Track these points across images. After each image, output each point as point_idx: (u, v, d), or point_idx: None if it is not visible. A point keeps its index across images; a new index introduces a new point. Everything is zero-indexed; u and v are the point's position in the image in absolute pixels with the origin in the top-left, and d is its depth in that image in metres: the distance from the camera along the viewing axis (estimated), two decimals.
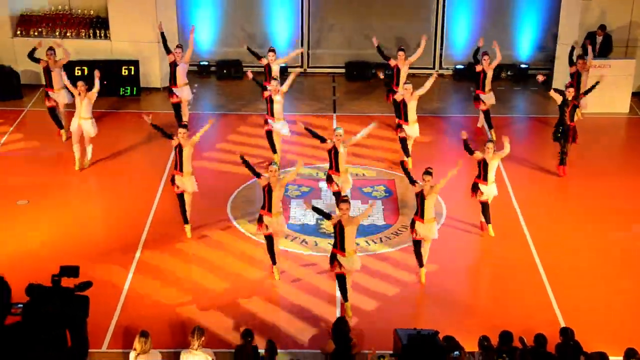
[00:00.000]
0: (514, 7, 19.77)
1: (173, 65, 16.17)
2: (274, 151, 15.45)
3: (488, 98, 16.49)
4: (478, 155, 13.19)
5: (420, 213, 12.14)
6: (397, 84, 16.22)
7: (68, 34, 18.75)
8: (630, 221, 14.08)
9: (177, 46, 16.33)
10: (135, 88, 18.65)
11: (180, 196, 13.22)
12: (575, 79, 16.42)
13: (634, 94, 18.29)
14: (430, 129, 16.69)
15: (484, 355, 10.04)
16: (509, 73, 19.76)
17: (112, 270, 12.44)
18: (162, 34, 16.35)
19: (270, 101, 15.03)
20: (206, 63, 19.93)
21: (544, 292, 12.18)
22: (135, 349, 10.03)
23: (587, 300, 12.03)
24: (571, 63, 16.66)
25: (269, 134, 15.35)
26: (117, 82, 18.49)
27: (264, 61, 16.25)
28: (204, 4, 19.78)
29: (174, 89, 16.35)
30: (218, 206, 14.16)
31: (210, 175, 15.16)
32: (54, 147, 16.20)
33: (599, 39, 18.06)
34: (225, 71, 19.76)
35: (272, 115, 15.10)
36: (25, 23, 18.93)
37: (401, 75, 16.33)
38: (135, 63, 18.49)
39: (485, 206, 13.46)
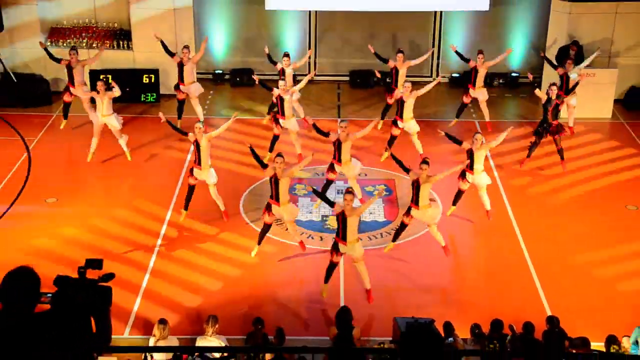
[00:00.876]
0: (505, 19, 19.73)
1: (180, 65, 16.41)
2: (270, 150, 15.34)
3: (477, 93, 16.59)
4: (466, 145, 13.16)
5: (415, 200, 12.11)
6: (396, 85, 16.23)
7: (94, 45, 18.79)
8: (612, 216, 14.08)
9: (184, 47, 16.54)
10: (155, 95, 18.69)
11: (192, 187, 13.31)
12: (565, 80, 16.34)
13: (615, 101, 18.26)
14: (426, 132, 16.68)
15: (476, 341, 10.06)
16: (500, 81, 19.74)
17: (133, 263, 12.49)
18: (162, 42, 16.51)
19: (280, 100, 15.02)
20: (220, 71, 19.95)
21: (532, 283, 12.18)
22: (154, 335, 10.09)
23: (572, 291, 12.04)
24: (555, 67, 16.57)
25: (275, 138, 15.32)
26: (138, 90, 18.56)
27: (279, 66, 16.31)
28: (219, 18, 19.80)
29: (181, 86, 16.53)
30: (231, 203, 14.17)
31: (223, 174, 15.14)
32: (81, 150, 16.22)
33: (572, 53, 17.87)
34: (238, 79, 19.77)
35: (283, 114, 15.11)
36: (55, 34, 18.98)
37: (400, 75, 16.34)
38: (156, 72, 18.53)
39: (459, 193, 13.47)
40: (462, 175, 13.32)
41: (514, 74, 19.75)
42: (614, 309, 11.59)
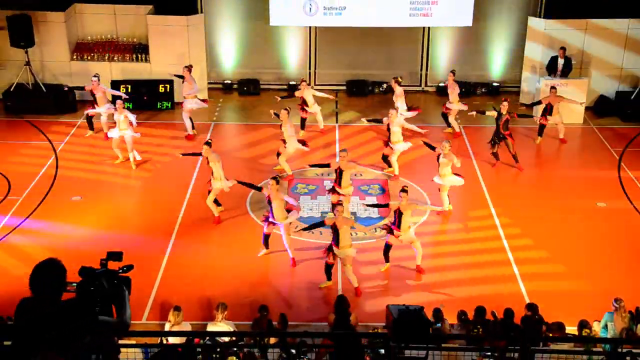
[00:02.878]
0: (487, 34, 19.70)
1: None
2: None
3: (453, 105, 16.83)
4: (438, 150, 13.46)
5: (398, 224, 11.87)
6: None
7: (115, 58, 18.76)
8: (584, 211, 14.06)
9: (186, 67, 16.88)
10: (170, 103, 18.64)
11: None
12: (549, 110, 16.46)
13: (586, 108, 18.23)
14: (416, 136, 16.67)
15: (462, 326, 10.03)
16: (483, 90, 19.74)
17: (150, 255, 12.44)
18: (176, 75, 17.12)
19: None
20: (229, 81, 19.92)
21: (512, 274, 12.14)
22: (169, 321, 10.05)
23: (548, 279, 12.00)
24: (539, 103, 16.76)
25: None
26: (155, 98, 18.54)
27: (298, 94, 16.46)
28: (228, 33, 19.75)
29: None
30: (238, 202, 14.15)
31: (231, 179, 15.14)
32: (103, 154, 16.22)
33: (561, 61, 17.98)
34: (245, 88, 19.73)
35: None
36: (80, 49, 18.94)
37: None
38: (170, 82, 18.46)
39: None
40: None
41: (495, 84, 19.75)
42: (586, 296, 11.56)
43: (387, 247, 12.18)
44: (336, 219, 11.39)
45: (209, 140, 13.65)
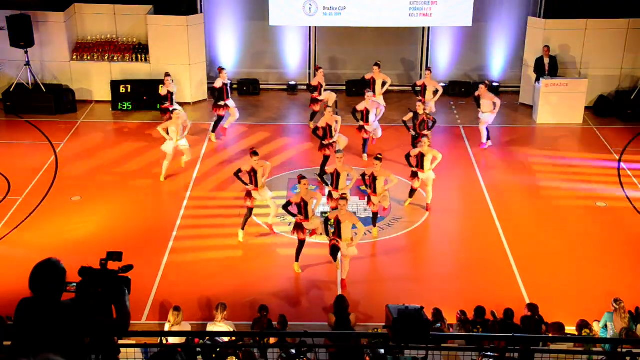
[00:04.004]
0: (487, 34, 19.70)
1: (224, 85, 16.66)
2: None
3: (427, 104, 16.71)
4: (415, 151, 13.65)
5: (373, 189, 12.78)
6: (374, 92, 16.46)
7: (115, 58, 18.76)
8: (584, 211, 14.05)
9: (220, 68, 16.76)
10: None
11: (251, 209, 12.96)
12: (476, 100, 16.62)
13: (586, 108, 18.23)
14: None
15: (461, 326, 10.03)
16: None
17: (150, 256, 12.44)
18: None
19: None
20: (229, 81, 19.87)
21: (512, 274, 12.15)
22: (169, 321, 10.05)
23: (548, 279, 12.00)
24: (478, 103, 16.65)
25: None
26: (155, 98, 18.45)
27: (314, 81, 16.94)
28: (228, 33, 19.75)
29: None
30: (239, 202, 14.12)
31: (230, 179, 15.14)
32: (102, 153, 16.22)
33: (547, 60, 17.99)
34: (245, 88, 19.72)
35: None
36: (80, 49, 18.93)
37: (376, 85, 16.63)
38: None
39: (413, 191, 13.91)
40: (414, 175, 13.72)
41: (494, 84, 19.72)
42: (586, 296, 11.56)
43: (375, 215, 12.99)
44: (339, 213, 11.38)
45: (256, 150, 13.14)
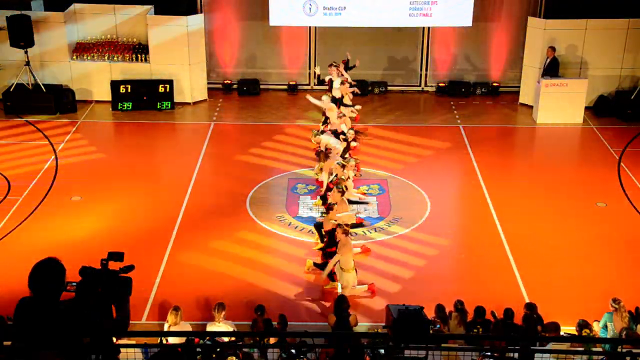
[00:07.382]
0: (487, 34, 19.71)
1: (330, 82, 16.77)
2: None
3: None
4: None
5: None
6: None
7: (115, 58, 18.77)
8: (584, 211, 14.06)
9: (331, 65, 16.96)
10: (170, 103, 18.62)
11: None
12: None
13: (586, 108, 18.24)
14: (416, 136, 16.72)
15: (459, 317, 10.01)
16: (483, 90, 19.73)
17: (150, 256, 12.43)
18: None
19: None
20: (229, 82, 19.93)
21: (512, 273, 12.15)
22: (168, 321, 10.05)
23: (548, 280, 12.00)
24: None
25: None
26: (155, 98, 18.51)
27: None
28: (227, 33, 19.76)
29: None
30: (238, 204, 14.15)
31: (230, 179, 15.17)
32: (102, 153, 16.22)
33: (548, 59, 18.01)
34: (245, 88, 19.73)
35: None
36: (80, 49, 18.93)
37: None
38: (170, 82, 18.48)
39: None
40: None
41: (494, 84, 19.75)
42: (586, 296, 11.56)
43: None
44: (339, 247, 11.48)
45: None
